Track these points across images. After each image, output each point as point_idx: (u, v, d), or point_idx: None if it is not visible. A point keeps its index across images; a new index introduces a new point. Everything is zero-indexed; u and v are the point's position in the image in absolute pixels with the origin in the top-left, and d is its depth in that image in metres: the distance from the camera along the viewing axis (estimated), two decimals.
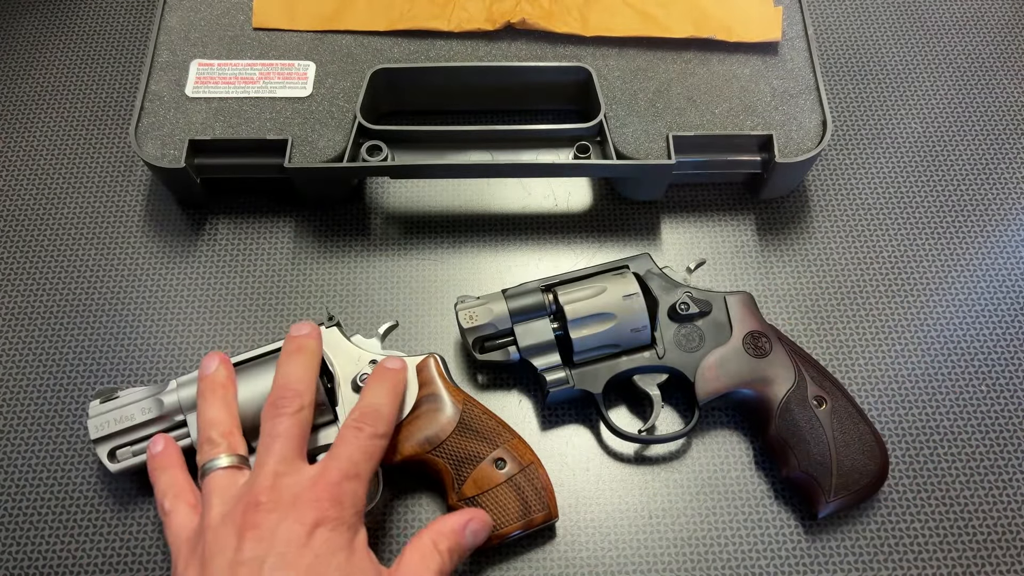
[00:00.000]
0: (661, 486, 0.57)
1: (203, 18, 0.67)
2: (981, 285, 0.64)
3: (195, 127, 0.63)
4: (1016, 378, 0.61)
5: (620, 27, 0.66)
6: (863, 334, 0.62)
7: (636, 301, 0.56)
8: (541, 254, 0.65)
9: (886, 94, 0.73)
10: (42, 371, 0.61)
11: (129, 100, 0.72)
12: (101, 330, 0.62)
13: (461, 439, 0.53)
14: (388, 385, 0.52)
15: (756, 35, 0.66)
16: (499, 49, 0.67)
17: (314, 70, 0.65)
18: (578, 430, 0.59)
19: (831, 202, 0.68)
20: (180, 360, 0.61)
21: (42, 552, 0.55)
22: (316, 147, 0.62)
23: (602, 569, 0.54)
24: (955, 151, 0.70)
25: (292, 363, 0.51)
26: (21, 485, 0.57)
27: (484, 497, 0.52)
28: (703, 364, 0.56)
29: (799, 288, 0.64)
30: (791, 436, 0.54)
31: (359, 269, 0.65)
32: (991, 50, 0.75)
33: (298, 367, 0.51)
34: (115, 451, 0.54)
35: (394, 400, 0.52)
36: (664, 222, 0.67)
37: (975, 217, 0.67)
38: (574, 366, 0.56)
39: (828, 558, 0.55)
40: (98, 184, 0.68)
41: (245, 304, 0.63)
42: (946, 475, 0.57)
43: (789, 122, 0.63)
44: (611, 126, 0.63)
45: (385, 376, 0.52)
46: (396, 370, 0.53)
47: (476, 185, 0.68)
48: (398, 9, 0.67)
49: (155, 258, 0.65)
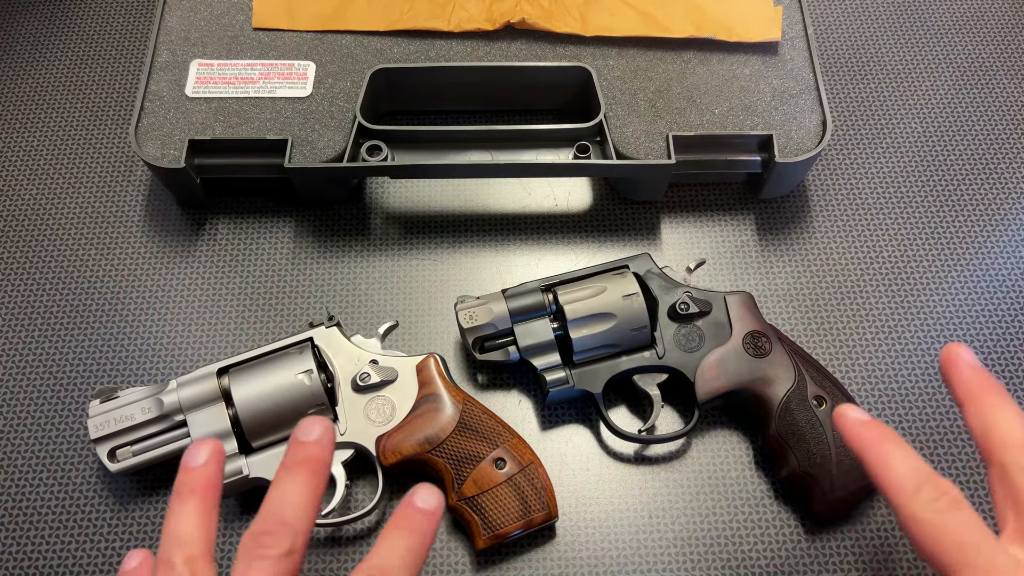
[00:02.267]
0: (661, 486, 0.57)
1: (203, 18, 0.67)
2: (981, 285, 0.64)
3: (195, 127, 0.63)
4: (1016, 378, 0.61)
5: (620, 27, 0.66)
6: (863, 334, 0.62)
7: (636, 301, 0.56)
8: (541, 254, 0.65)
9: (886, 94, 0.73)
10: (42, 371, 0.61)
11: (129, 100, 0.72)
12: (101, 330, 0.62)
13: (461, 439, 0.53)
14: (412, 537, 0.38)
15: (756, 35, 0.66)
16: (499, 49, 0.67)
17: (314, 70, 0.65)
18: (578, 430, 0.59)
19: (831, 202, 0.68)
20: (180, 360, 0.61)
21: (42, 552, 0.55)
22: (316, 147, 0.62)
23: (602, 569, 0.54)
24: (955, 151, 0.70)
25: (292, 482, 0.39)
26: (21, 485, 0.57)
27: (484, 497, 0.52)
28: (703, 364, 0.56)
29: (799, 288, 0.64)
30: (791, 436, 0.54)
31: (359, 269, 0.65)
32: (991, 50, 0.75)
33: (298, 490, 0.38)
34: (115, 451, 0.54)
35: (415, 560, 0.38)
36: (664, 222, 0.67)
37: (975, 217, 0.67)
38: (574, 366, 0.56)
39: (828, 558, 0.55)
40: (98, 184, 0.68)
41: (245, 304, 0.63)
42: (946, 475, 0.57)
43: (789, 122, 0.63)
44: (611, 126, 0.63)
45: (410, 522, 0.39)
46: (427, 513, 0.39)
47: (476, 185, 0.68)
48: (398, 9, 0.67)
49: (155, 258, 0.65)
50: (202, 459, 0.40)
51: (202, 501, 0.39)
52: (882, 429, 0.41)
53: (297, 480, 0.39)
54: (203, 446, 0.40)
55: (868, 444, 0.41)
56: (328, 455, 0.40)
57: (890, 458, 0.40)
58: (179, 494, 0.39)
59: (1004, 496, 0.39)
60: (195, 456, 0.40)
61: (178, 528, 0.38)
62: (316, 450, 0.40)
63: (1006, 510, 0.39)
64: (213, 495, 0.40)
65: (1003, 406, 0.41)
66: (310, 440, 0.40)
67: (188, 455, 0.40)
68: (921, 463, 0.40)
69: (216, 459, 0.40)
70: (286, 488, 0.39)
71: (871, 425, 0.41)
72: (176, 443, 0.54)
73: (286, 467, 0.39)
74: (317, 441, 0.40)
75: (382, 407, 0.55)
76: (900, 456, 0.40)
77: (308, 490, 0.39)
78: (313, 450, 0.40)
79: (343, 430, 0.54)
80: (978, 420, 0.41)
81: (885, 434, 0.41)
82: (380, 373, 0.55)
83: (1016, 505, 0.38)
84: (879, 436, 0.41)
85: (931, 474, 0.39)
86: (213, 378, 0.54)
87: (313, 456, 0.39)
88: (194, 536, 0.38)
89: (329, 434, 0.40)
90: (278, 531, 0.37)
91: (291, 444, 0.40)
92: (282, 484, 0.39)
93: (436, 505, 0.39)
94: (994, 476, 0.40)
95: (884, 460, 0.40)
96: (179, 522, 0.38)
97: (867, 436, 0.41)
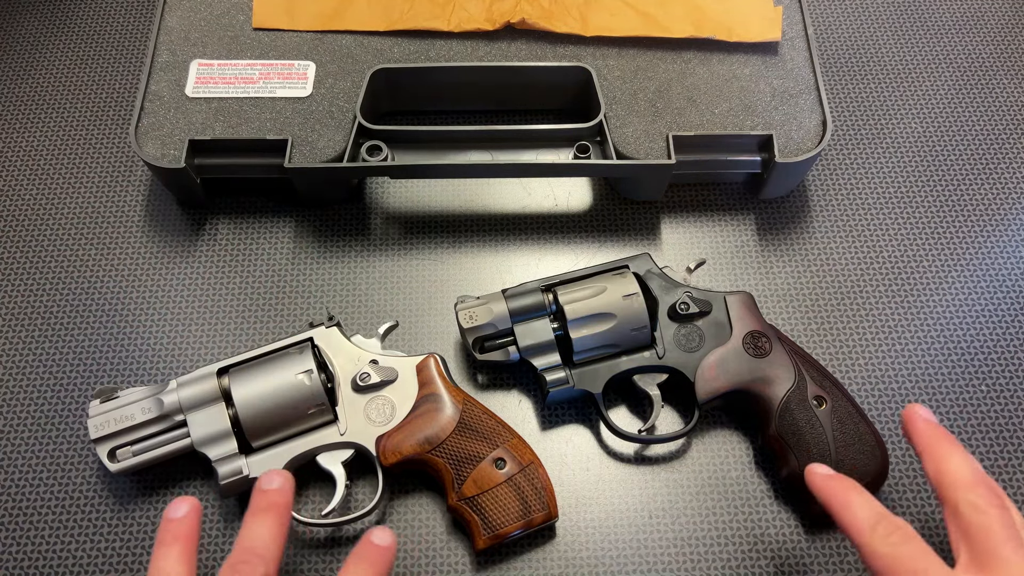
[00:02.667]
0: (661, 486, 0.57)
1: (203, 18, 0.67)
2: (981, 285, 0.64)
3: (195, 127, 0.63)
4: (1016, 378, 0.61)
5: (620, 27, 0.66)
6: (863, 334, 0.62)
7: (636, 301, 0.56)
8: (541, 254, 0.65)
9: (886, 94, 0.73)
10: (42, 371, 0.61)
11: (129, 100, 0.72)
12: (101, 330, 0.62)
13: (461, 439, 0.53)
14: (371, 569, 0.45)
15: (756, 35, 0.66)
16: (499, 49, 0.67)
17: (314, 70, 0.65)
18: (578, 430, 0.59)
19: (831, 202, 0.68)
20: (180, 360, 0.61)
21: (42, 552, 0.55)
22: (316, 147, 0.62)
23: (602, 569, 0.54)
24: (955, 151, 0.70)
25: (258, 524, 0.45)
26: (21, 485, 0.57)
27: (484, 497, 0.52)
28: (703, 364, 0.56)
29: (799, 288, 0.64)
30: (791, 436, 0.54)
31: (359, 269, 0.65)
32: (991, 50, 0.75)
33: (265, 529, 0.44)
34: (115, 451, 0.54)
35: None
36: (664, 222, 0.67)
37: (975, 217, 0.67)
38: (574, 366, 0.56)
39: (828, 558, 0.55)
40: (98, 184, 0.68)
41: (245, 304, 0.63)
42: None
43: (789, 122, 0.63)
44: (611, 126, 0.63)
45: (369, 555, 0.45)
46: (383, 548, 0.46)
47: (476, 185, 0.68)
48: (398, 9, 0.67)
49: (155, 258, 0.65)
50: (182, 512, 0.46)
51: (183, 547, 0.44)
52: (845, 480, 0.47)
53: (264, 522, 0.45)
54: (182, 503, 0.46)
55: (833, 493, 0.47)
56: (288, 500, 0.46)
57: (851, 503, 0.45)
58: (162, 540, 0.45)
59: (956, 530, 0.44)
60: (176, 510, 0.46)
61: (163, 567, 0.43)
62: (278, 496, 0.46)
63: (959, 543, 0.43)
64: (192, 543, 0.45)
65: (953, 452, 0.46)
66: (272, 488, 0.46)
67: (170, 508, 0.46)
68: (877, 505, 0.45)
69: (194, 514, 0.46)
70: (254, 529, 0.44)
71: (836, 478, 0.48)
72: (176, 443, 0.54)
73: (252, 512, 0.45)
74: (279, 489, 0.46)
75: (382, 407, 0.55)
76: (859, 501, 0.45)
77: (274, 529, 0.45)
78: (275, 496, 0.46)
79: (343, 430, 0.54)
80: (933, 465, 0.46)
81: (847, 484, 0.47)
82: (380, 373, 0.55)
83: (967, 537, 0.43)
84: (842, 486, 0.47)
85: (886, 513, 0.44)
86: (213, 378, 0.54)
87: (275, 502, 0.46)
88: (179, 572, 0.43)
89: (288, 483, 0.47)
90: (252, 560, 0.43)
91: (255, 493, 0.46)
92: (250, 526, 0.45)
93: (391, 542, 0.46)
94: (947, 513, 0.44)
95: (846, 504, 0.45)
96: (163, 562, 0.44)
97: (832, 487, 0.47)
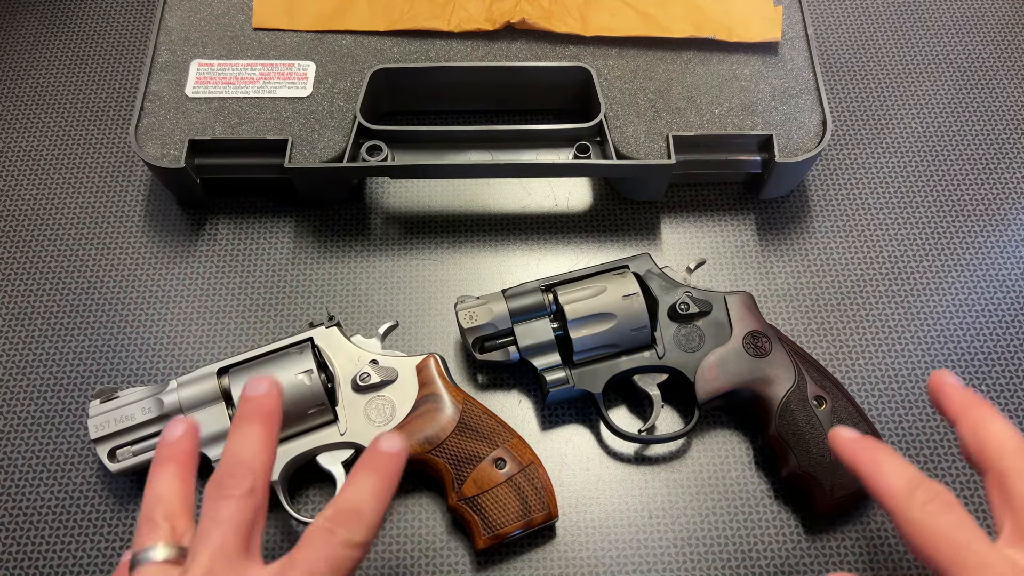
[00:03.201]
0: (661, 486, 0.57)
1: (203, 18, 0.67)
2: (981, 285, 0.64)
3: (195, 127, 0.63)
4: (1016, 378, 0.61)
5: (620, 27, 0.66)
6: (863, 334, 0.62)
7: (636, 301, 0.56)
8: (541, 254, 0.65)
9: (886, 94, 0.73)
10: (42, 371, 0.61)
11: (129, 100, 0.72)
12: (101, 330, 0.62)
13: (461, 439, 0.53)
14: (377, 477, 0.41)
15: (756, 35, 0.66)
16: (499, 49, 0.67)
17: (314, 70, 0.65)
18: (578, 430, 0.59)
19: (831, 202, 0.68)
20: (180, 360, 0.61)
21: (42, 552, 0.55)
22: (316, 147, 0.62)
23: (602, 569, 0.54)
24: (955, 151, 0.70)
25: (245, 432, 0.41)
26: (21, 485, 0.57)
27: (484, 497, 0.52)
28: (703, 364, 0.56)
29: (799, 288, 0.64)
30: (791, 436, 0.54)
31: (359, 269, 0.65)
32: (991, 50, 0.75)
33: (252, 438, 0.41)
34: (115, 451, 0.54)
35: (382, 498, 0.40)
36: (664, 222, 0.67)
37: (975, 217, 0.67)
38: (574, 366, 0.56)
39: (828, 558, 0.55)
40: (98, 184, 0.68)
41: (245, 304, 0.63)
42: (946, 475, 0.57)
43: (789, 122, 0.63)
44: (611, 126, 0.63)
45: (376, 464, 0.41)
46: (392, 455, 0.41)
47: (476, 185, 0.68)
48: (398, 9, 0.67)
49: (155, 258, 0.65)
50: (179, 433, 0.42)
51: (181, 466, 0.41)
52: (874, 442, 0.43)
53: (252, 428, 0.41)
54: (178, 423, 0.43)
55: (862, 456, 0.42)
56: (276, 406, 0.42)
57: (884, 466, 0.41)
58: (158, 461, 0.41)
59: (1001, 501, 0.40)
60: (173, 430, 0.42)
61: (158, 488, 0.40)
62: (266, 400, 0.42)
63: (1003, 514, 0.40)
64: (191, 463, 0.42)
65: (995, 417, 0.42)
66: (259, 394, 0.42)
67: (167, 430, 0.42)
68: (913, 469, 0.41)
69: (191, 434, 0.43)
70: (242, 436, 0.41)
71: (864, 439, 0.43)
72: None
73: (239, 419, 0.42)
74: (266, 394, 0.42)
75: (382, 407, 0.55)
76: (894, 464, 0.41)
77: (262, 435, 0.41)
78: (263, 401, 0.42)
79: (343, 430, 0.54)
80: (971, 432, 0.42)
81: (878, 446, 0.42)
82: (380, 373, 0.55)
83: (1012, 509, 0.39)
84: (872, 449, 0.42)
85: (924, 478, 0.40)
86: (213, 378, 0.54)
87: (263, 406, 0.42)
88: (174, 494, 0.40)
89: (276, 387, 0.43)
90: (238, 472, 0.39)
91: (241, 400, 0.42)
92: (237, 433, 0.41)
93: (400, 448, 0.42)
94: (991, 482, 0.41)
95: (878, 468, 0.41)
96: (158, 483, 0.41)
97: (861, 448, 0.43)
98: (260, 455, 0.40)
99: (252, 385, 0.43)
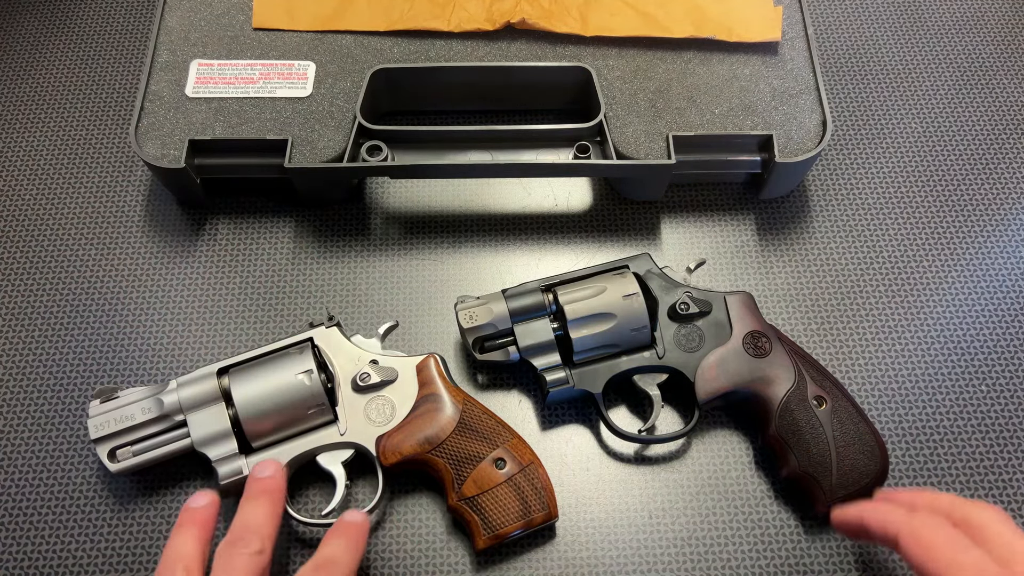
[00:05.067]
0: (661, 486, 0.57)
1: (203, 18, 0.67)
2: (981, 285, 0.64)
3: (195, 127, 0.63)
4: (1016, 378, 0.61)
5: (620, 27, 0.66)
6: (863, 334, 0.62)
7: (636, 301, 0.56)
8: (541, 254, 0.65)
9: (886, 94, 0.73)
10: (42, 371, 0.61)
11: (129, 100, 0.72)
12: (101, 330, 0.62)
13: (461, 439, 0.53)
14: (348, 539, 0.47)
15: (756, 35, 0.66)
16: (499, 49, 0.67)
17: (314, 70, 0.65)
18: (578, 430, 0.59)
19: (831, 202, 0.68)
20: (180, 360, 0.61)
21: (42, 552, 0.55)
22: (316, 147, 0.62)
23: (602, 569, 0.54)
24: (955, 151, 0.70)
25: (254, 505, 0.47)
26: (21, 485, 0.57)
27: (484, 497, 0.52)
28: (703, 364, 0.56)
29: (799, 288, 0.64)
30: (791, 436, 0.54)
31: (359, 269, 0.65)
32: (991, 50, 0.75)
33: (260, 510, 0.47)
34: (115, 451, 0.54)
35: (354, 555, 0.47)
36: (664, 222, 0.67)
37: (975, 217, 0.67)
38: (574, 366, 0.56)
39: (828, 558, 0.55)
40: (98, 184, 0.68)
41: (245, 304, 0.63)
42: (946, 475, 0.57)
43: (789, 122, 0.63)
44: (611, 126, 0.63)
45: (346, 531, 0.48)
46: (358, 524, 0.48)
47: (476, 185, 0.68)
48: (398, 9, 0.67)
49: (155, 258, 0.65)
50: (204, 503, 0.48)
51: (201, 531, 0.46)
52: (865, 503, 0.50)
53: (259, 502, 0.47)
54: (204, 495, 0.48)
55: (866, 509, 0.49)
56: (282, 486, 0.49)
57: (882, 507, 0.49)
58: (181, 524, 0.47)
59: None
60: (197, 500, 0.48)
61: (180, 547, 0.45)
62: (271, 483, 0.48)
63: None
64: (209, 530, 0.47)
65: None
66: (265, 476, 0.49)
67: (191, 499, 0.48)
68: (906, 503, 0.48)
69: (213, 507, 0.48)
70: (252, 507, 0.47)
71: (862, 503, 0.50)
72: (176, 443, 0.54)
73: (248, 496, 0.48)
74: (272, 476, 0.49)
75: (382, 407, 0.55)
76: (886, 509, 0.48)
77: (269, 508, 0.47)
78: (268, 483, 0.48)
79: (343, 430, 0.54)
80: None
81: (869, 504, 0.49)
82: (380, 373, 0.55)
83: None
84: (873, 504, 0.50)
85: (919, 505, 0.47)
86: (213, 378, 0.54)
87: (269, 487, 0.48)
88: (194, 553, 0.45)
89: (280, 472, 0.49)
90: (248, 536, 0.45)
91: (249, 481, 0.49)
92: (248, 505, 0.47)
93: (363, 519, 0.49)
94: None
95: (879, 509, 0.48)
96: (181, 542, 0.46)
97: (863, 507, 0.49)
98: (267, 524, 0.46)
99: (259, 468, 0.49)
